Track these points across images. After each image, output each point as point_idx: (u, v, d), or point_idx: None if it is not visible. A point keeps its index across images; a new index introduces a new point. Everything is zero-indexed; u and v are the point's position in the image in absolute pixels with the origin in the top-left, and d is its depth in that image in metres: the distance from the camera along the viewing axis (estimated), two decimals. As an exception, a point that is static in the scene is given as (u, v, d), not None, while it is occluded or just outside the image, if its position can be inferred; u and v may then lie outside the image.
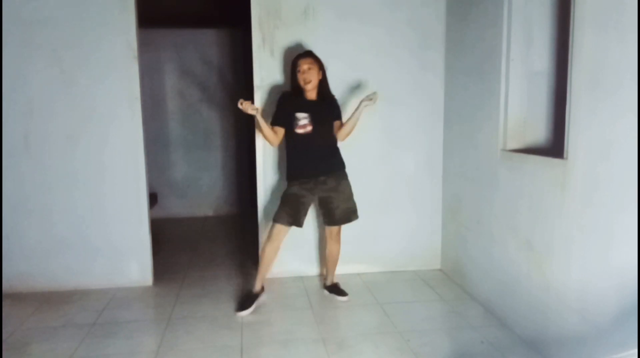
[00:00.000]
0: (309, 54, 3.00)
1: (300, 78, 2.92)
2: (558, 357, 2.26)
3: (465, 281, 3.25)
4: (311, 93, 2.98)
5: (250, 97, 3.26)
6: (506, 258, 2.71)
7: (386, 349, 2.45)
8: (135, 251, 3.36)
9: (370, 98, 2.85)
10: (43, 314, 2.93)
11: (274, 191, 3.47)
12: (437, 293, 3.21)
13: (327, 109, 3.04)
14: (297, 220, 2.98)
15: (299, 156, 3.00)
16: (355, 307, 3.01)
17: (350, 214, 3.07)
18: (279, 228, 2.96)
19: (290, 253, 3.52)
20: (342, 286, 3.22)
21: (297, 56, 2.99)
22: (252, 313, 2.90)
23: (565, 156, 2.17)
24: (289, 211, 2.95)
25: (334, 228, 3.12)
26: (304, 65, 2.92)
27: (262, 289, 3.07)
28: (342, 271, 3.53)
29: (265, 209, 3.49)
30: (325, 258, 3.40)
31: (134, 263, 3.37)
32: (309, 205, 3.03)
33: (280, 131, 2.99)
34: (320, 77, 2.97)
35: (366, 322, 2.79)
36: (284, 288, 3.30)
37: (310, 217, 3.41)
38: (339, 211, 3.03)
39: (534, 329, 2.45)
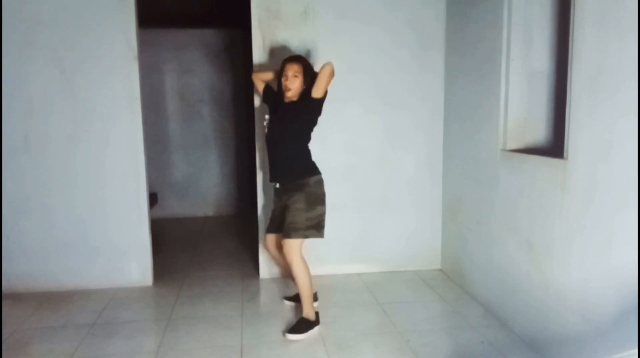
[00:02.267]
0: (297, 60, 2.78)
1: (283, 83, 2.76)
2: (558, 357, 2.26)
3: (465, 281, 3.25)
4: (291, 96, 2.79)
5: (249, 97, 3.26)
6: (506, 258, 2.71)
7: (386, 349, 2.45)
8: (135, 251, 3.36)
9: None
10: (43, 314, 2.93)
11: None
12: (437, 293, 3.21)
13: (293, 112, 2.77)
14: (273, 228, 2.88)
15: (267, 159, 2.89)
16: (355, 307, 3.01)
17: (288, 230, 2.69)
18: (265, 237, 3.00)
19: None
20: (343, 286, 3.22)
21: (286, 60, 2.80)
22: (252, 314, 2.90)
23: (565, 156, 2.17)
24: (270, 221, 2.94)
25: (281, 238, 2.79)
26: (289, 72, 2.73)
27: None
28: (342, 271, 3.54)
29: (265, 209, 3.49)
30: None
31: (134, 263, 3.37)
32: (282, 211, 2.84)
33: (262, 84, 3.04)
34: (303, 87, 2.75)
35: (366, 322, 2.79)
36: (283, 288, 3.30)
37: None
38: (281, 221, 2.80)
39: (534, 329, 2.45)
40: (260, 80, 3.04)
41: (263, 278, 3.51)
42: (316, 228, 2.73)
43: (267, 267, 3.52)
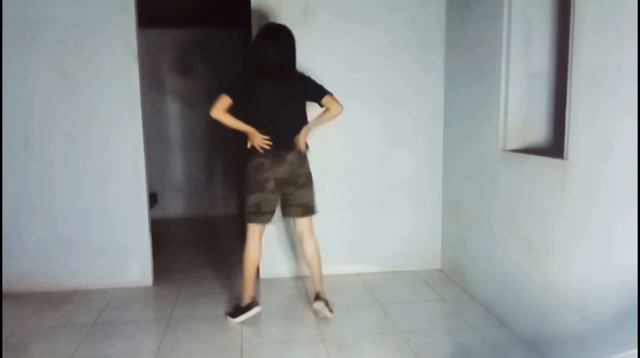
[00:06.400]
0: (278, 30, 2.65)
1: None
2: (558, 357, 2.26)
3: (465, 281, 3.25)
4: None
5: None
6: (506, 258, 2.72)
7: (386, 349, 2.45)
8: (135, 251, 3.36)
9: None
10: (43, 314, 2.93)
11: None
12: (437, 293, 3.21)
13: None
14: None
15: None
16: (355, 307, 3.01)
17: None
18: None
19: (289, 252, 3.53)
20: (343, 286, 3.21)
21: (264, 30, 2.65)
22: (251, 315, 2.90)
23: (565, 156, 2.17)
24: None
25: None
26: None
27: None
28: (342, 271, 3.53)
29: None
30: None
31: (134, 263, 3.37)
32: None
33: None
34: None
35: (366, 322, 2.79)
36: (283, 288, 3.30)
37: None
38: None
39: (534, 329, 2.45)
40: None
41: (263, 279, 3.51)
42: None
43: (267, 267, 3.52)
